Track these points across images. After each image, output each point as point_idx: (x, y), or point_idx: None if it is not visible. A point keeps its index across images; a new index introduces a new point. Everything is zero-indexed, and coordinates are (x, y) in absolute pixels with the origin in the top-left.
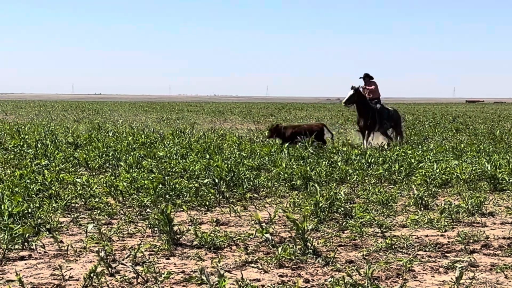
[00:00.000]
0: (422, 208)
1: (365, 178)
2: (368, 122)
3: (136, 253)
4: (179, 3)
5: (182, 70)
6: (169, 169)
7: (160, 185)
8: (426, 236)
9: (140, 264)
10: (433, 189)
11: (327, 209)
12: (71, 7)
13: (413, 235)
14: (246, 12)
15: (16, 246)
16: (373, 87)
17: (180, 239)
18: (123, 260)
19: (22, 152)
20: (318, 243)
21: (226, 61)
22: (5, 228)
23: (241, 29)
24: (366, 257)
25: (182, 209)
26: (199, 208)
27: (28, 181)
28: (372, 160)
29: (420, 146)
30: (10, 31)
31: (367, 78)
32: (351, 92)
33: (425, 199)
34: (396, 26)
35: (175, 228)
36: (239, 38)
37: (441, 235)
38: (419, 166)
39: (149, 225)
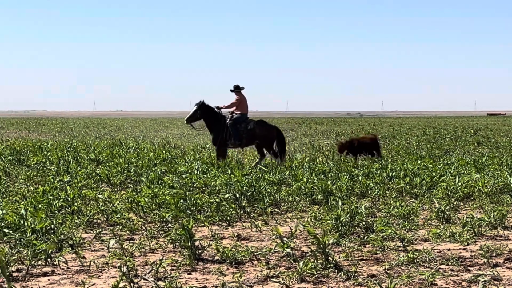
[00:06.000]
0: (444, 222)
1: (386, 192)
2: (220, 138)
3: (158, 269)
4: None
5: (202, 86)
6: (190, 185)
7: (182, 201)
8: (449, 250)
9: (162, 279)
10: (455, 203)
11: (348, 223)
12: (92, 24)
13: (435, 249)
14: (262, 24)
15: (39, 262)
16: (234, 100)
17: (202, 254)
18: (145, 275)
19: (44, 169)
20: (339, 258)
21: (243, 76)
22: (28, 244)
23: (257, 45)
24: (388, 272)
25: (203, 224)
26: (220, 223)
27: (51, 197)
28: (393, 174)
29: (441, 160)
30: (32, 48)
31: (237, 89)
32: (194, 108)
33: (447, 212)
34: (418, 39)
35: (197, 243)
36: (258, 53)
37: (464, 249)
38: (441, 179)
39: (170, 241)
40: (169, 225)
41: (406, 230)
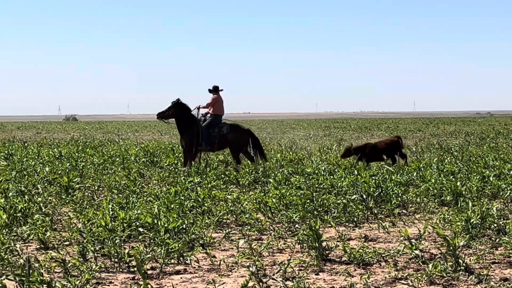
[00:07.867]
0: None
1: None
2: (189, 141)
3: (286, 269)
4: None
5: (328, 88)
6: (317, 185)
7: (309, 201)
8: None
9: (290, 279)
10: None
11: (479, 225)
12: (221, 31)
13: None
14: (385, 27)
15: (172, 261)
16: (210, 100)
17: (329, 255)
18: (273, 275)
19: (176, 170)
20: (470, 260)
21: (370, 78)
22: (162, 243)
23: (383, 46)
24: None
25: (330, 225)
26: (347, 224)
27: (183, 198)
28: None
29: None
30: (167, 54)
31: (214, 91)
32: (169, 105)
33: None
34: None
35: (324, 244)
36: (383, 54)
37: None
38: None
39: (298, 241)
40: (297, 225)
41: None
